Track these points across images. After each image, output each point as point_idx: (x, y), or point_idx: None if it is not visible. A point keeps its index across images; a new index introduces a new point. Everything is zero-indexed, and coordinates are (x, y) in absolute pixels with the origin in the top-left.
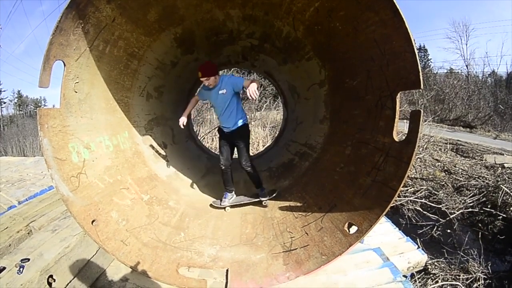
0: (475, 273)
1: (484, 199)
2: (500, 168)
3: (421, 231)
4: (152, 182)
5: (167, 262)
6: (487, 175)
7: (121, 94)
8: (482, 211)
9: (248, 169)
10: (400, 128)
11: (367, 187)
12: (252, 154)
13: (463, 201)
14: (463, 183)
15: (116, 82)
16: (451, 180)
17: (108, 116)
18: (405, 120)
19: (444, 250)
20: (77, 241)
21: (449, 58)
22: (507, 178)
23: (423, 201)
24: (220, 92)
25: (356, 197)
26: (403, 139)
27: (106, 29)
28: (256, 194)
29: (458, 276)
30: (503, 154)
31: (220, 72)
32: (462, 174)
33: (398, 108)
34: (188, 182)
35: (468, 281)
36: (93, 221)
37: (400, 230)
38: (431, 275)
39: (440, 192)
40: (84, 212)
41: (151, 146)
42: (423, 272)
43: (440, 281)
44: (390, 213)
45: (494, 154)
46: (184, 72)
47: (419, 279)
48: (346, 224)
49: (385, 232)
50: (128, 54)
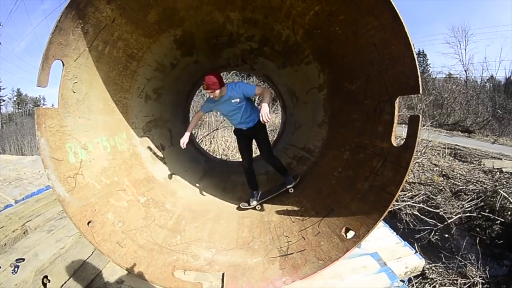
0: (473, 277)
1: (482, 203)
2: (498, 173)
3: (419, 236)
4: (149, 184)
5: (163, 264)
6: (485, 179)
7: (119, 95)
8: (480, 216)
9: (272, 161)
10: (399, 132)
11: (365, 192)
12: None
13: (461, 205)
14: (461, 187)
15: (115, 83)
16: (449, 184)
17: (106, 117)
18: (403, 125)
19: (442, 255)
20: (72, 242)
21: (448, 63)
22: (505, 183)
23: (421, 205)
24: (233, 101)
25: (354, 201)
26: (401, 144)
27: (105, 29)
28: (278, 185)
29: (455, 281)
30: (501, 159)
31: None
32: (460, 178)
33: (396, 113)
34: (186, 184)
35: (466, 286)
36: (89, 222)
37: (397, 234)
38: (429, 280)
39: (438, 196)
40: (80, 213)
41: (149, 147)
42: (421, 277)
43: (437, 286)
44: (387, 217)
45: (492, 158)
46: (183, 74)
47: (417, 284)
48: (344, 229)
49: (382, 236)
50: (127, 55)
